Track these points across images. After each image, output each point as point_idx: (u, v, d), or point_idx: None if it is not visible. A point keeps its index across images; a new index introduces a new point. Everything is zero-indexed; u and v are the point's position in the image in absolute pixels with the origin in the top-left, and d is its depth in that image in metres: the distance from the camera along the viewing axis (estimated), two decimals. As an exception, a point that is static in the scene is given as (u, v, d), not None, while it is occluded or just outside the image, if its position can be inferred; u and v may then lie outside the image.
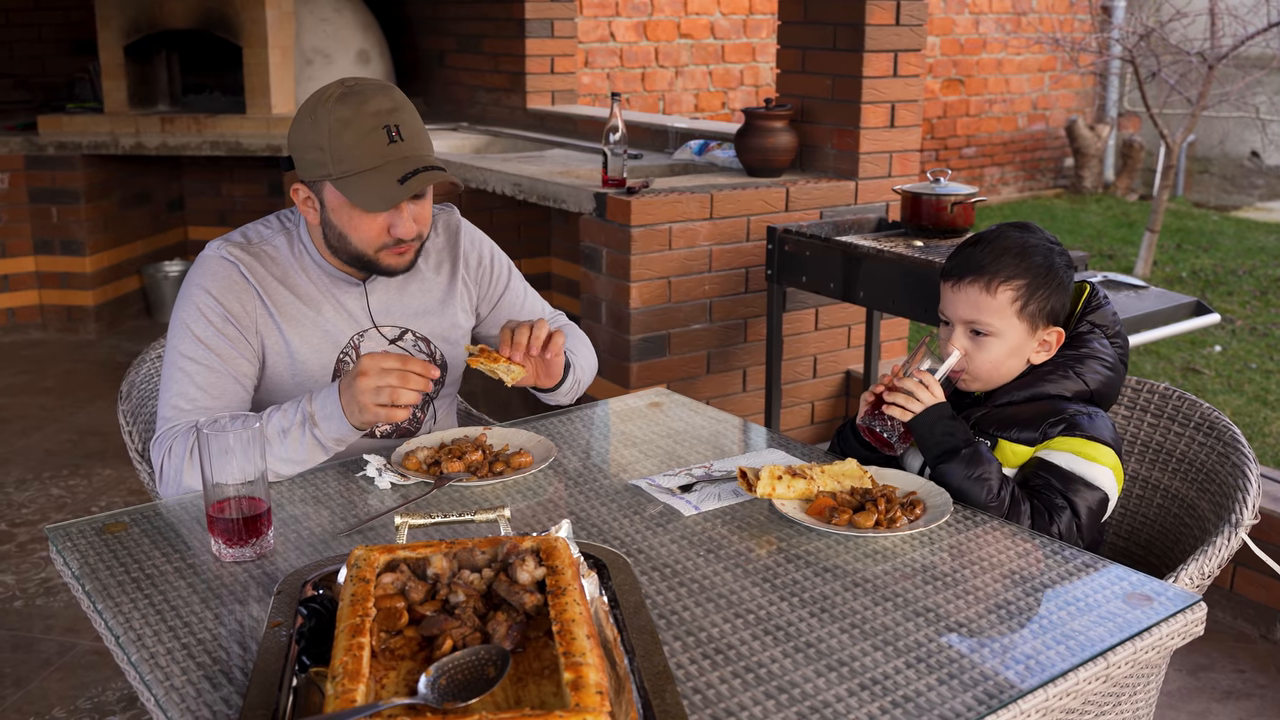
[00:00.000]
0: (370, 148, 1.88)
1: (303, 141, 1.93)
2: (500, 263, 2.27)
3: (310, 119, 1.91)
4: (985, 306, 1.86)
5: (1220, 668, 2.86)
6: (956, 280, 1.89)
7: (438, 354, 2.16)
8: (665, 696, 1.20)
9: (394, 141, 1.89)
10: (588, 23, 6.85)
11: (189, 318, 1.97)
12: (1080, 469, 1.80)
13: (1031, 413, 1.86)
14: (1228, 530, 1.78)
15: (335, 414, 1.83)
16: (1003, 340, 1.87)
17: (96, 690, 2.73)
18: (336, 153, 1.88)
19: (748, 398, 3.96)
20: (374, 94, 1.91)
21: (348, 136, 1.88)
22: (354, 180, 1.89)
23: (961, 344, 1.88)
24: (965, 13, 8.65)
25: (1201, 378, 5.05)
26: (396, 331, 2.12)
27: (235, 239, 2.05)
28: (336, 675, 1.16)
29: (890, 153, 3.94)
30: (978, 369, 1.89)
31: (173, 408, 1.93)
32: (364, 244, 1.97)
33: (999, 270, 1.85)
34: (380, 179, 1.89)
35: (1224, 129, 9.23)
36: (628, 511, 1.77)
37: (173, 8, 5.47)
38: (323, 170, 1.91)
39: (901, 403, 1.83)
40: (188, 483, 1.85)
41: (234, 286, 1.99)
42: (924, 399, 1.82)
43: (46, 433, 4.35)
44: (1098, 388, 1.88)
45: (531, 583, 1.34)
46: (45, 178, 5.41)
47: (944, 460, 1.80)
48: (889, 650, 1.37)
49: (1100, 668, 1.36)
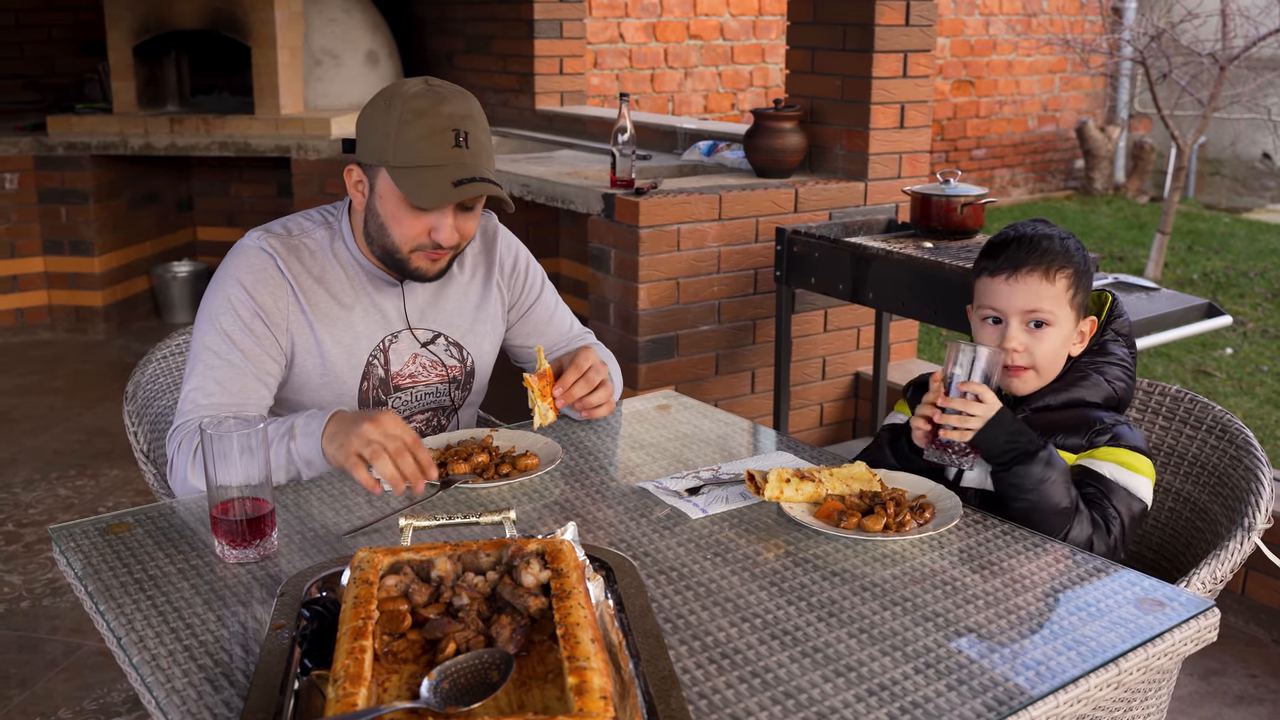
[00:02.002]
0: (435, 146, 1.88)
1: (371, 124, 1.93)
2: (534, 272, 2.26)
3: (385, 104, 1.91)
4: (1046, 294, 1.84)
5: (1232, 672, 2.83)
6: (1012, 272, 1.86)
7: (469, 359, 2.14)
8: (671, 701, 1.18)
9: (459, 146, 1.89)
10: (597, 24, 6.84)
11: (218, 309, 1.95)
12: (1124, 479, 1.79)
13: (1071, 420, 1.84)
14: (1240, 534, 1.76)
15: (315, 433, 1.80)
16: (1059, 329, 1.86)
17: (102, 691, 2.73)
18: (401, 142, 1.88)
19: (756, 399, 3.95)
20: (452, 97, 1.91)
21: (416, 129, 1.87)
22: (410, 173, 1.88)
23: (1021, 339, 1.85)
24: (975, 14, 8.63)
25: (1213, 380, 5.02)
26: (429, 335, 2.10)
27: (275, 229, 2.03)
28: (338, 678, 1.15)
29: (900, 154, 3.92)
30: (1040, 361, 1.86)
31: (190, 402, 1.91)
32: (402, 239, 1.95)
33: (1055, 258, 1.85)
34: (436, 178, 1.88)
35: (1235, 130, 9.19)
36: (634, 514, 1.75)
37: (182, 8, 5.48)
38: (383, 156, 1.90)
39: (956, 424, 1.76)
40: (193, 482, 1.84)
41: (268, 280, 1.97)
42: (980, 412, 1.75)
43: (54, 433, 4.35)
44: (1122, 394, 1.89)
45: (536, 586, 1.33)
46: (54, 178, 5.42)
47: (1018, 463, 1.75)
48: (898, 655, 1.36)
49: (1112, 674, 1.34)
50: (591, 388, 1.97)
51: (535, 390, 1.92)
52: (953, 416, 1.76)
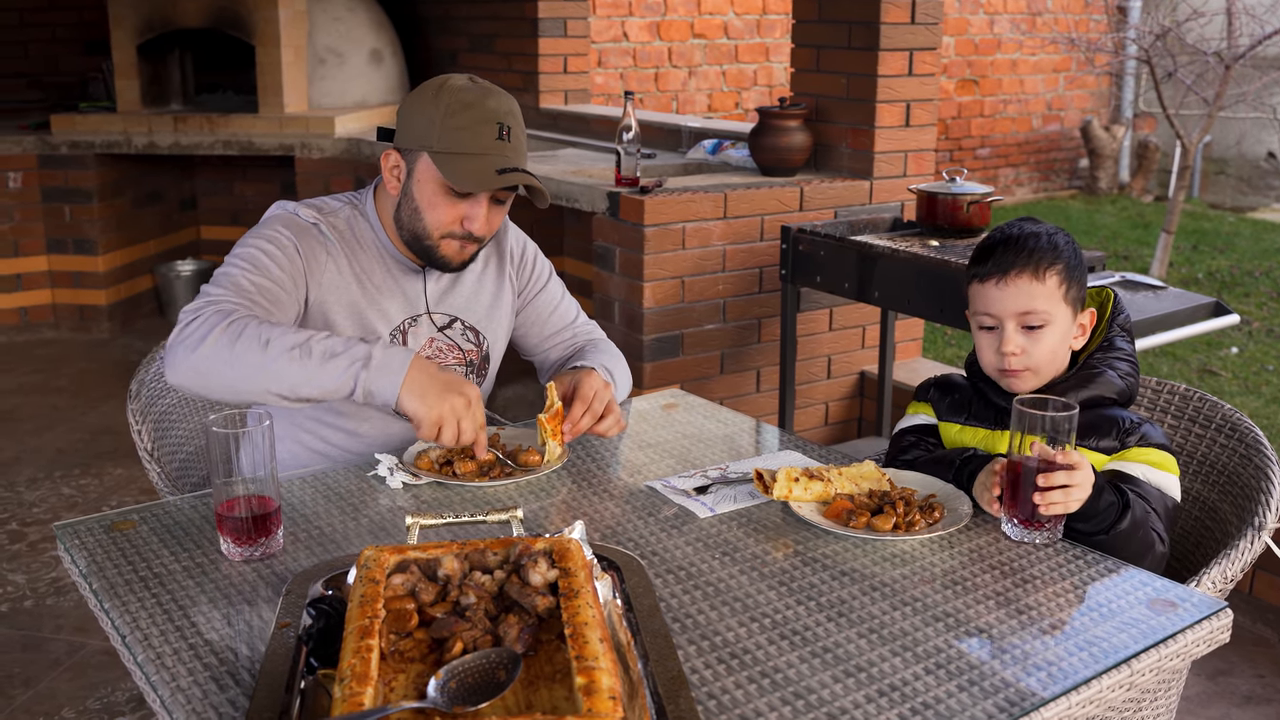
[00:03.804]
0: (481, 135, 1.93)
1: (416, 110, 1.96)
2: (541, 263, 2.29)
3: (433, 93, 1.95)
4: (1038, 294, 1.81)
5: (1240, 672, 2.82)
6: (1001, 276, 1.83)
7: (485, 344, 2.17)
8: (680, 702, 1.17)
9: (502, 139, 1.94)
10: (601, 22, 6.83)
11: (255, 241, 1.95)
12: (1156, 479, 1.77)
13: (1097, 421, 1.81)
14: (1250, 534, 1.75)
15: (396, 375, 1.74)
16: (1055, 327, 1.83)
17: (106, 690, 2.72)
18: (447, 128, 1.92)
19: (761, 398, 3.94)
20: (498, 94, 1.98)
21: (464, 118, 1.92)
22: (454, 159, 1.92)
23: (1017, 341, 1.82)
24: (980, 13, 8.61)
25: (1218, 379, 5.01)
26: (446, 319, 2.12)
27: (310, 203, 2.06)
28: (344, 678, 1.14)
29: (905, 152, 3.91)
30: (1038, 361, 1.83)
31: (219, 287, 1.86)
32: (434, 224, 1.98)
33: (1043, 257, 1.82)
34: (479, 164, 1.92)
35: (1241, 129, 9.17)
36: (642, 513, 1.74)
37: (186, 7, 5.47)
38: (426, 141, 1.94)
39: (1061, 499, 1.61)
40: (205, 352, 1.74)
41: (311, 234, 2.00)
42: (1083, 480, 1.62)
43: (58, 432, 4.35)
44: (1132, 389, 1.88)
45: (544, 585, 1.32)
46: (58, 177, 5.42)
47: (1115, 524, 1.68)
48: (907, 656, 1.34)
49: (1124, 675, 1.33)
50: (597, 418, 1.96)
51: (546, 430, 1.89)
52: (1055, 494, 1.61)
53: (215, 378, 1.77)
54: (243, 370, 1.75)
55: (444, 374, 1.79)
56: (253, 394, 1.78)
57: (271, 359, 1.74)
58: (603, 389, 1.97)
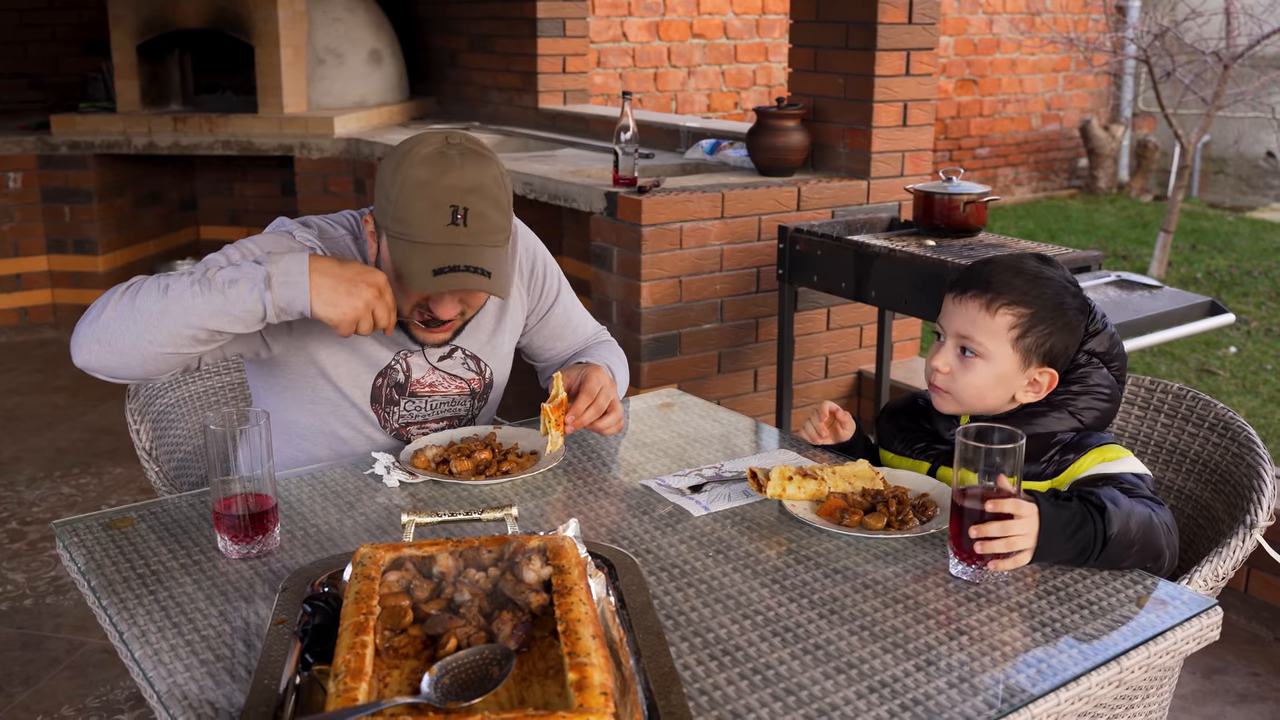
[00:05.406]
0: (431, 223, 1.79)
1: (381, 183, 1.87)
2: (551, 274, 2.22)
3: (394, 165, 1.84)
4: (981, 325, 1.75)
5: (1234, 670, 2.83)
6: (959, 293, 1.79)
7: (487, 371, 2.13)
8: (671, 698, 1.19)
9: (455, 224, 1.79)
10: (600, 22, 6.84)
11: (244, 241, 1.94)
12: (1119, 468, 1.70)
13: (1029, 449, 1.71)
14: (1242, 532, 1.76)
15: (301, 285, 1.75)
16: (990, 365, 1.75)
17: (105, 689, 2.73)
18: (400, 212, 1.81)
19: (759, 398, 3.95)
20: (463, 165, 1.81)
21: (415, 201, 1.80)
22: (404, 246, 1.82)
23: (948, 360, 1.78)
24: (979, 12, 8.62)
25: (1216, 379, 5.02)
26: (445, 350, 2.07)
27: (311, 224, 2.01)
28: (339, 673, 1.15)
29: (903, 152, 3.92)
30: (959, 391, 1.78)
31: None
32: (403, 304, 1.91)
33: (1004, 292, 1.75)
34: (422, 259, 1.80)
35: (1239, 129, 9.18)
36: (636, 512, 1.75)
37: (185, 7, 5.48)
38: (384, 220, 1.86)
39: (1003, 550, 1.50)
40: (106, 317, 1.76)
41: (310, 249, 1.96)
42: (1024, 529, 1.50)
43: (58, 431, 4.36)
44: (1091, 422, 1.78)
45: (538, 582, 1.33)
46: (58, 177, 5.43)
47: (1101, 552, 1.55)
48: (899, 653, 1.36)
49: (1114, 672, 1.34)
50: (601, 413, 1.96)
51: (550, 420, 1.90)
52: (995, 544, 1.50)
53: (119, 341, 1.75)
54: (147, 322, 1.74)
55: (345, 267, 1.78)
56: (162, 345, 1.75)
57: (174, 300, 1.74)
58: (609, 385, 1.98)
